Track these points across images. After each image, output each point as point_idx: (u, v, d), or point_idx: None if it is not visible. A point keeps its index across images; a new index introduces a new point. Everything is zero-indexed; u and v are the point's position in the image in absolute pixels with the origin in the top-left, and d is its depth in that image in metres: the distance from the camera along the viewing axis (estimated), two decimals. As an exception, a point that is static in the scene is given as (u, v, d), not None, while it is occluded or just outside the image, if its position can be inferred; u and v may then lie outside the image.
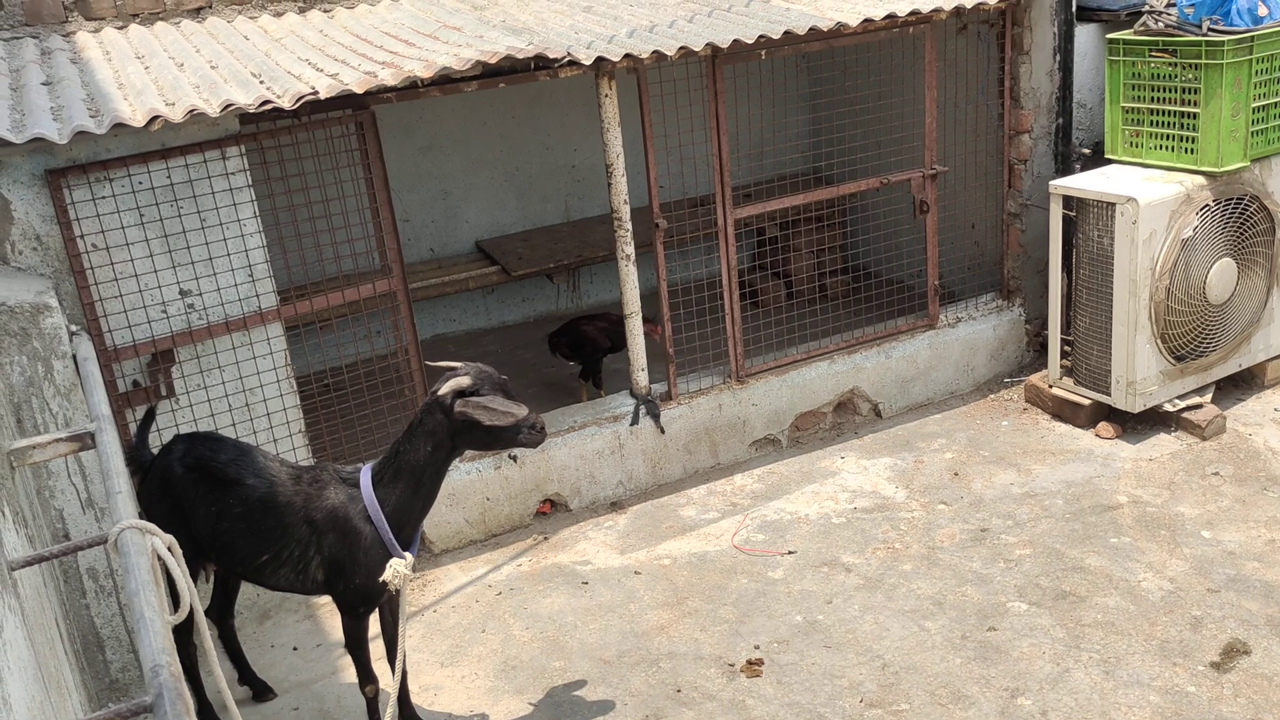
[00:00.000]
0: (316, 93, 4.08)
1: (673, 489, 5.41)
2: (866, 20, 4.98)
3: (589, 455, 5.22)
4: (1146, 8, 5.34)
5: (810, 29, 4.86)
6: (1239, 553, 4.48)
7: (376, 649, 3.88)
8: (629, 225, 5.06)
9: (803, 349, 5.70)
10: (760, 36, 4.79)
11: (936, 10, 5.13)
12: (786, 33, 4.82)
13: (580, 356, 6.08)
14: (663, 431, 5.33)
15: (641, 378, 5.30)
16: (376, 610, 3.76)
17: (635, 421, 5.28)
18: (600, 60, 4.61)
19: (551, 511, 5.27)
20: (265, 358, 4.51)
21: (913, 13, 5.08)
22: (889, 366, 5.81)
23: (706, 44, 4.72)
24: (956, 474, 5.28)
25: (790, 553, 4.79)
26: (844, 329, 5.88)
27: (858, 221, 6.71)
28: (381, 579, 3.44)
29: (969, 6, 5.17)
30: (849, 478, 5.36)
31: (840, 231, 7.01)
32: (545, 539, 5.10)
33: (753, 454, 5.62)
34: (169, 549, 2.83)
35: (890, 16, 5.04)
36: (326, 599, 4.35)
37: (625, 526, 5.15)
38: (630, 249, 5.09)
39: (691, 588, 4.62)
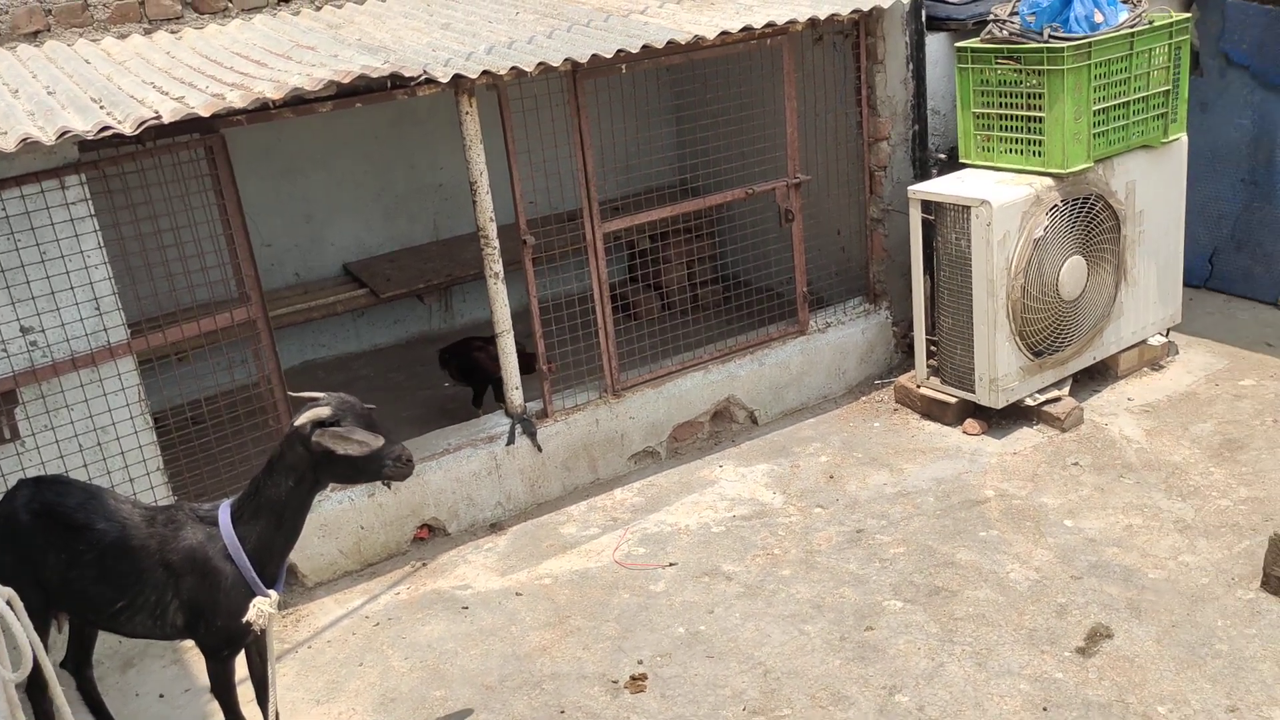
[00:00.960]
0: (160, 117, 3.92)
1: (553, 507, 5.36)
2: (724, 33, 5.03)
3: (465, 477, 5.14)
4: (992, 16, 5.52)
5: (668, 43, 4.89)
6: (1099, 539, 4.64)
7: (247, 691, 3.74)
8: (496, 243, 5.00)
9: (678, 360, 5.72)
10: (619, 51, 4.79)
11: (791, 22, 5.21)
12: (645, 47, 4.84)
13: (471, 381, 6.00)
14: (540, 450, 5.28)
15: (516, 396, 5.24)
16: (244, 651, 3.62)
17: (511, 441, 5.22)
18: (458, 78, 4.56)
19: (429, 537, 5.17)
20: (117, 394, 4.32)
21: (769, 25, 5.15)
22: (763, 374, 5.87)
23: (566, 59, 4.70)
24: (832, 477, 5.37)
25: (671, 565, 4.79)
26: (718, 338, 5.93)
27: (727, 231, 6.77)
28: (245, 619, 3.32)
29: (823, 18, 5.27)
30: (728, 486, 5.39)
31: (711, 242, 7.08)
32: (423, 565, 5.00)
33: (632, 467, 5.62)
34: (8, 602, 2.68)
35: (747, 29, 5.11)
36: (193, 642, 4.18)
37: (505, 548, 5.08)
38: (498, 267, 5.04)
39: (574, 606, 4.58)
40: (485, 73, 4.59)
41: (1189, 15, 5.71)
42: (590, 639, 4.34)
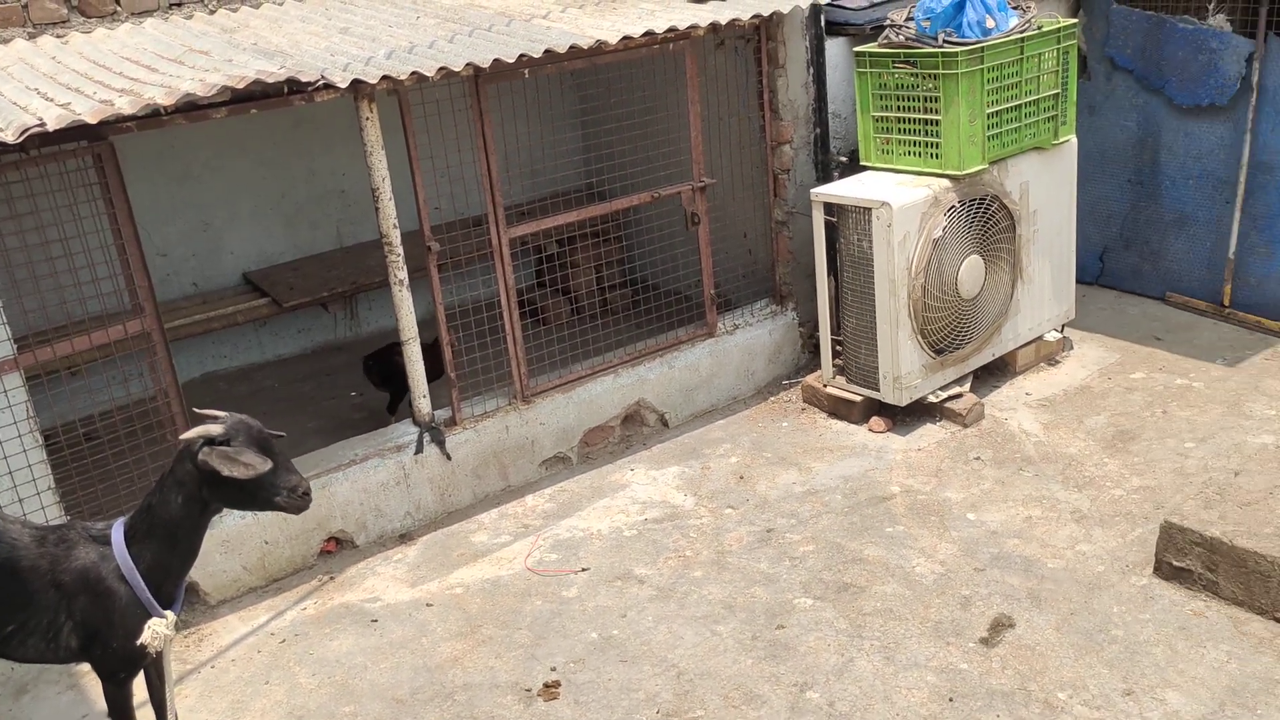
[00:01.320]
0: (44, 124, 3.79)
1: (463, 515, 5.31)
2: (626, 38, 5.05)
3: (373, 488, 5.06)
4: (888, 22, 5.63)
5: (571, 47, 4.88)
6: (1001, 531, 4.76)
7: (147, 715, 3.62)
8: (400, 249, 4.94)
9: (587, 365, 5.72)
10: (521, 55, 4.77)
11: (693, 27, 5.24)
12: (547, 51, 4.82)
13: (391, 386, 5.90)
14: (449, 458, 5.23)
15: (424, 404, 5.18)
16: (143, 674, 3.51)
17: (420, 450, 5.16)
18: (357, 83, 4.49)
19: (337, 549, 5.08)
20: (3, 411, 4.16)
21: (670, 30, 5.18)
22: (673, 376, 5.90)
23: (467, 64, 4.67)
24: (742, 477, 5.41)
25: (584, 570, 4.78)
26: (628, 342, 5.94)
27: (636, 235, 6.79)
28: (140, 641, 3.21)
29: (724, 23, 5.31)
30: (639, 489, 5.40)
31: (619, 246, 7.09)
32: (331, 579, 4.91)
33: (543, 473, 5.59)
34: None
35: (649, 34, 5.13)
36: (89, 666, 4.04)
37: (415, 558, 5.01)
38: (403, 274, 4.97)
39: (485, 615, 4.54)
40: (385, 77, 4.52)
41: (1076, 21, 5.89)
42: (502, 648, 4.31)
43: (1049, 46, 5.57)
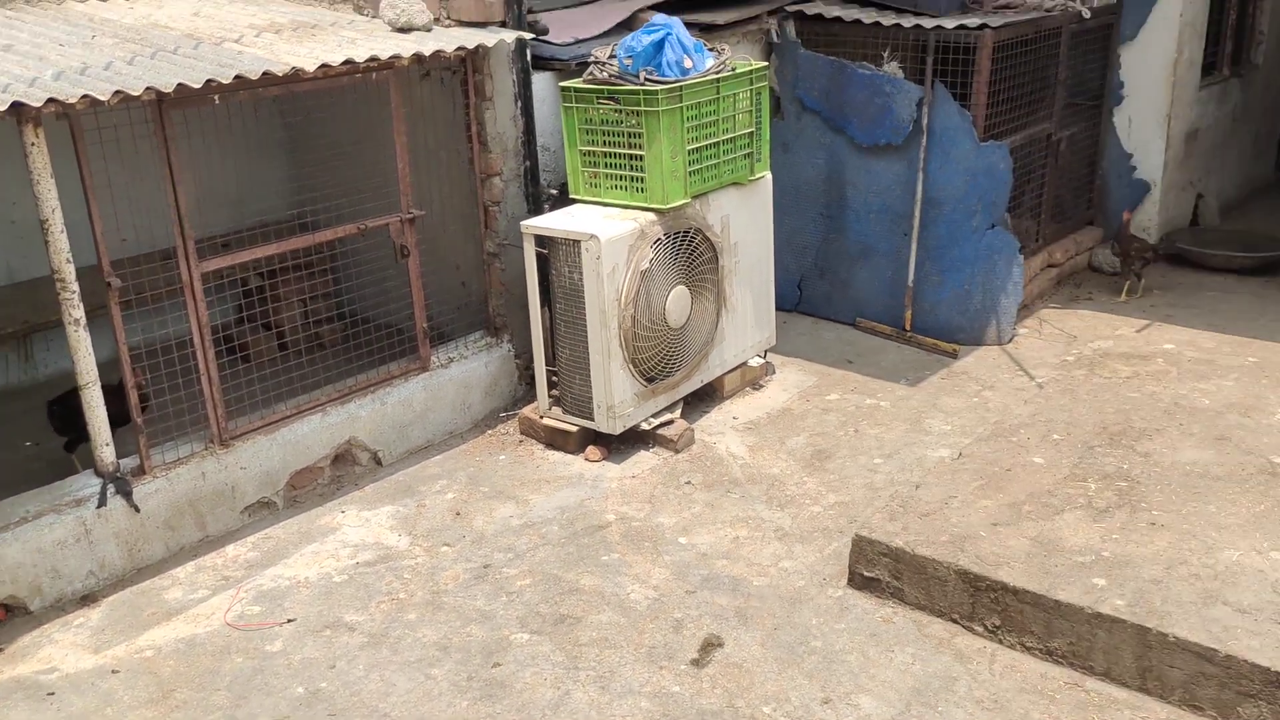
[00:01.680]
0: None
1: (155, 571, 4.93)
2: (324, 66, 4.89)
3: (49, 548, 4.61)
4: (592, 59, 5.76)
5: (264, 74, 4.67)
6: (710, 553, 4.92)
7: None
8: (75, 286, 4.54)
9: (292, 404, 5.46)
10: (209, 81, 4.52)
11: (396, 57, 5.15)
12: (238, 77, 4.59)
13: (73, 433, 5.38)
14: (137, 510, 4.84)
15: (107, 453, 4.78)
16: None
17: (103, 503, 4.75)
18: (19, 106, 4.10)
19: (7, 618, 4.58)
20: None
21: (372, 59, 5.06)
22: (385, 413, 5.74)
23: (148, 88, 4.37)
24: (459, 513, 5.32)
25: (290, 621, 4.54)
26: (339, 379, 5.73)
27: (346, 267, 6.58)
28: None
29: (428, 54, 5.25)
30: (351, 532, 5.20)
31: (329, 279, 6.84)
32: (0, 651, 4.42)
33: (247, 520, 5.29)
34: None
35: (349, 62, 4.99)
36: None
37: (100, 621, 4.60)
38: (79, 312, 4.58)
39: (179, 678, 4.21)
40: (52, 100, 4.16)
41: (766, 64, 6.24)
42: (198, 712, 4.02)
43: (743, 87, 5.86)
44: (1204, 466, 4.87)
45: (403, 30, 5.51)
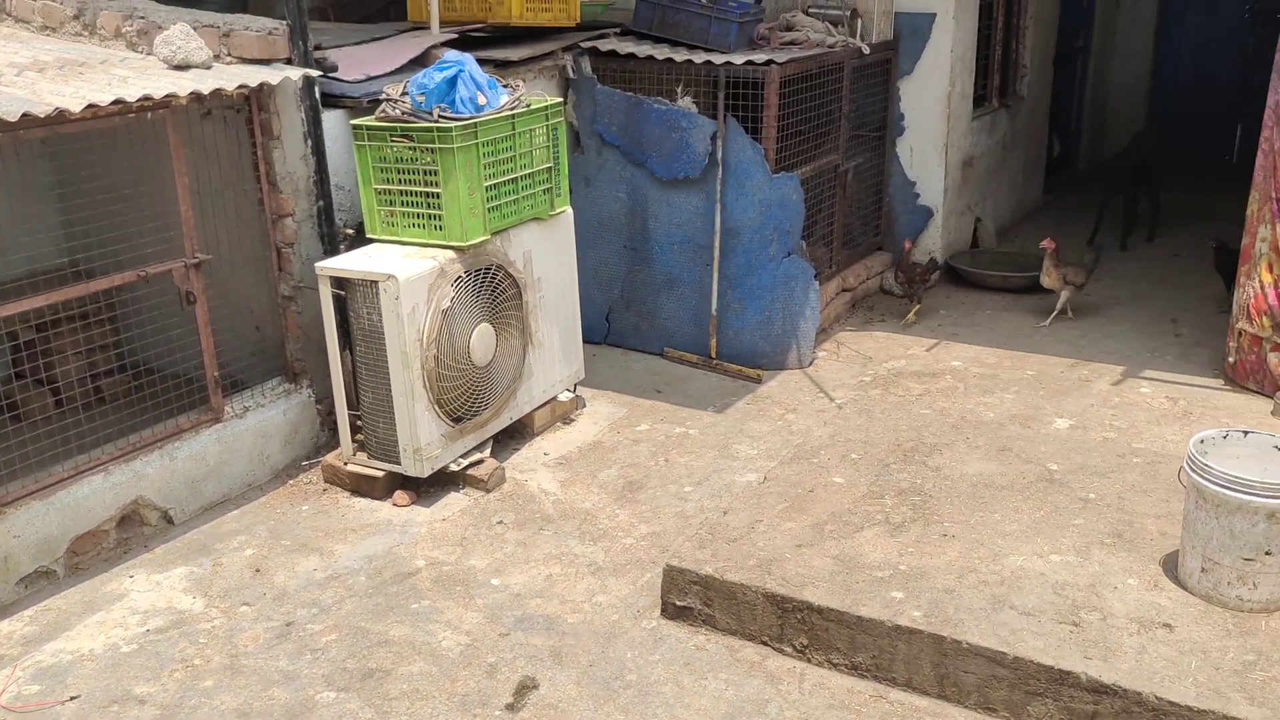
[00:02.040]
0: None
1: (-85, 657, 4.50)
2: (92, 106, 4.62)
3: None
4: (384, 96, 5.65)
5: (24, 115, 4.38)
6: (524, 593, 4.86)
7: None
8: None
9: (70, 464, 5.11)
10: (-40, 122, 4.20)
11: (171, 96, 4.92)
12: (-6, 118, 4.29)
13: None
14: (-109, 591, 4.42)
15: None
16: None
17: None
18: None
19: None
20: None
21: (145, 98, 4.82)
22: (175, 468, 5.43)
23: (-113, 131, 4.03)
24: (258, 570, 5.08)
25: (72, 699, 4.22)
26: (124, 434, 5.39)
27: (129, 316, 6.22)
28: None
29: (207, 93, 5.04)
30: (140, 597, 4.89)
31: (111, 328, 6.45)
32: None
33: (22, 593, 4.90)
34: None
35: (119, 102, 4.73)
36: None
37: None
38: None
39: (-56, 774, 3.86)
40: None
41: (561, 100, 6.28)
42: (-34, 809, 3.68)
43: (539, 123, 5.87)
44: (989, 477, 5.13)
45: (180, 68, 5.27)
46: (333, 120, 5.90)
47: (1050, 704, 3.87)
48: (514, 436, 6.26)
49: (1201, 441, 4.28)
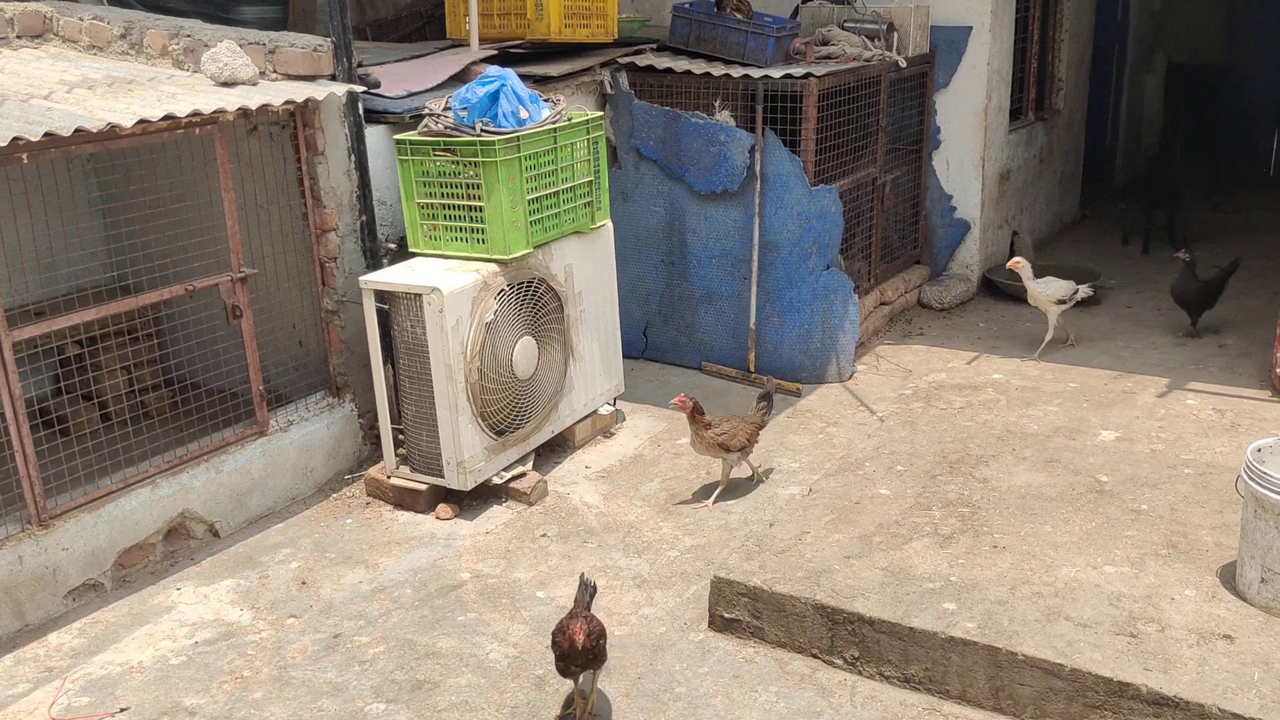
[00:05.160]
0: None
1: (-33, 668, 4.53)
2: (143, 121, 4.67)
3: None
4: (427, 111, 5.69)
5: (76, 130, 4.44)
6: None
7: None
8: None
9: (118, 477, 5.14)
10: (16, 139, 4.26)
11: (220, 111, 4.97)
12: (48, 134, 4.34)
13: None
14: (-56, 602, 4.46)
15: (-92, 542, 4.39)
16: None
17: (-96, 597, 4.35)
18: None
19: None
20: None
21: (194, 114, 4.87)
22: (221, 482, 5.46)
23: (-54, 147, 4.09)
24: (304, 583, 5.09)
25: (122, 710, 4.23)
26: (169, 448, 5.43)
27: (174, 331, 6.28)
28: None
29: (254, 108, 5.09)
30: (187, 610, 4.90)
31: (155, 343, 6.51)
32: None
33: (71, 605, 4.92)
34: None
35: (169, 118, 4.79)
36: None
37: (-97, 728, 4.19)
38: (-128, 390, 4.21)
39: (-2, 783, 3.87)
40: None
41: (601, 114, 6.30)
42: (21, 819, 3.69)
43: (579, 136, 5.89)
44: (1038, 489, 5.08)
45: (227, 84, 5.33)
46: (375, 135, 5.94)
47: (1110, 717, 3.81)
48: (555, 450, 6.25)
49: (1259, 450, 4.22)
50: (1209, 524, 4.70)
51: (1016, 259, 7.36)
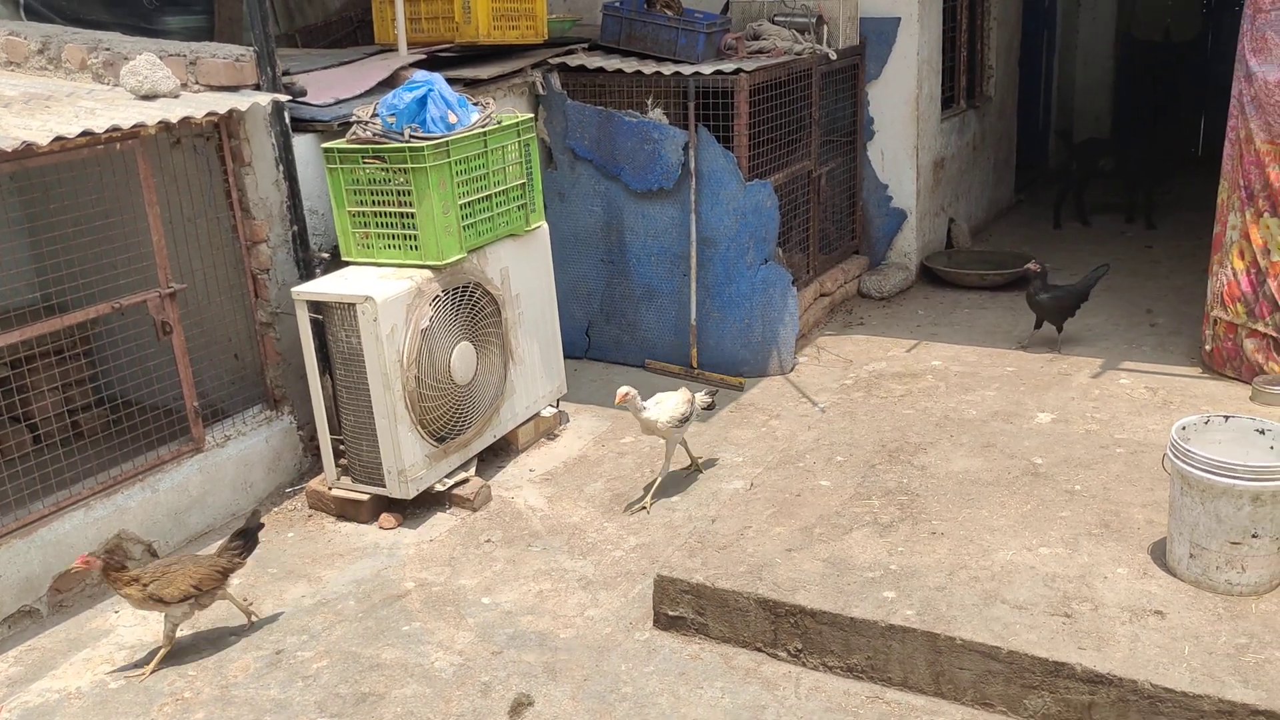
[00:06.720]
0: None
1: (-102, 703, 4.43)
2: (60, 139, 4.58)
3: None
4: (355, 118, 5.64)
5: (-10, 149, 4.35)
6: (515, 610, 4.83)
7: None
8: None
9: (50, 501, 5.05)
10: (-74, 159, 4.16)
11: (140, 126, 4.89)
12: (-40, 154, 4.25)
13: None
14: None
15: None
16: None
17: None
18: None
19: None
20: None
21: (113, 129, 4.79)
22: (158, 501, 5.38)
23: None
24: (246, 599, 5.03)
25: (60, 739, 4.16)
26: (104, 469, 5.34)
27: (105, 349, 6.16)
28: None
29: (175, 121, 5.01)
30: (126, 633, 4.83)
31: (85, 363, 6.39)
32: None
33: (7, 633, 4.83)
34: None
35: (87, 134, 4.70)
36: None
37: None
38: None
39: (-68, 820, 3.79)
40: None
41: (532, 116, 6.28)
42: None
43: (510, 139, 5.87)
44: (975, 474, 5.15)
45: (147, 98, 5.24)
46: (304, 144, 5.88)
47: (1047, 696, 3.87)
48: (498, 454, 6.23)
49: (1184, 428, 4.31)
50: (1140, 502, 4.79)
51: (624, 389, 5.48)
